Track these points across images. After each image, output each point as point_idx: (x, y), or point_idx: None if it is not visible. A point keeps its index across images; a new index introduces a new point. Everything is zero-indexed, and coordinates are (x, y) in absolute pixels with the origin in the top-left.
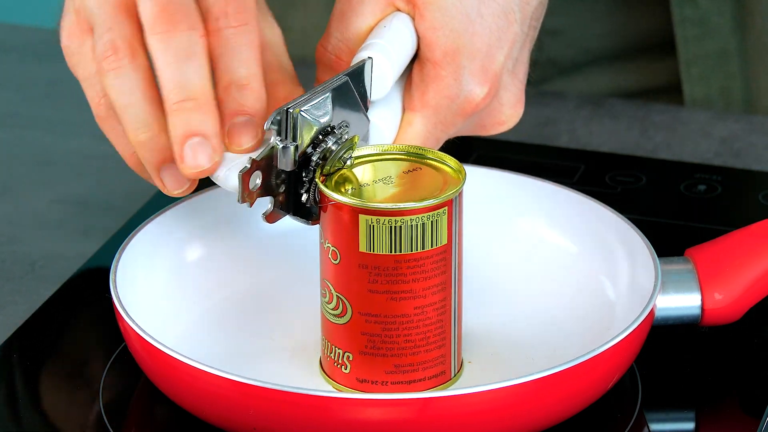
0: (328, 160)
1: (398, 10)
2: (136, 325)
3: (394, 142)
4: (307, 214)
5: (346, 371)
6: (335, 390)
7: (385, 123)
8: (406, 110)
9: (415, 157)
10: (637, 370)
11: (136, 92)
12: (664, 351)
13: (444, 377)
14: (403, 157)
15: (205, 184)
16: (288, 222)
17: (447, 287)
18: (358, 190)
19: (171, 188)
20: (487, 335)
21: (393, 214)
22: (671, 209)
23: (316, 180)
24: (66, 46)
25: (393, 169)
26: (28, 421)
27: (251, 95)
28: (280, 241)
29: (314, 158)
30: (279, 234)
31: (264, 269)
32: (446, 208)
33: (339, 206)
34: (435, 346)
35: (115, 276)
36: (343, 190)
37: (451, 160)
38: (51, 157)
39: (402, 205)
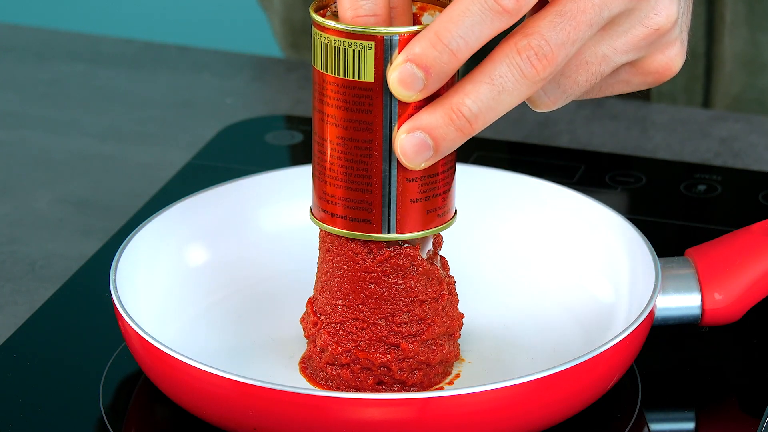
0: None
1: None
2: (136, 324)
3: None
4: None
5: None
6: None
7: None
8: None
9: None
10: (637, 370)
11: None
12: (664, 351)
13: (369, 227)
14: None
15: (205, 183)
16: (287, 221)
17: (376, 131)
18: None
19: None
20: (487, 335)
21: (321, 29)
22: (671, 209)
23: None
24: None
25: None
26: (29, 421)
27: None
28: (280, 240)
29: None
30: (279, 233)
31: (263, 269)
32: (373, 43)
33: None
34: (357, 187)
35: (115, 276)
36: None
37: None
38: (51, 157)
39: (328, 23)
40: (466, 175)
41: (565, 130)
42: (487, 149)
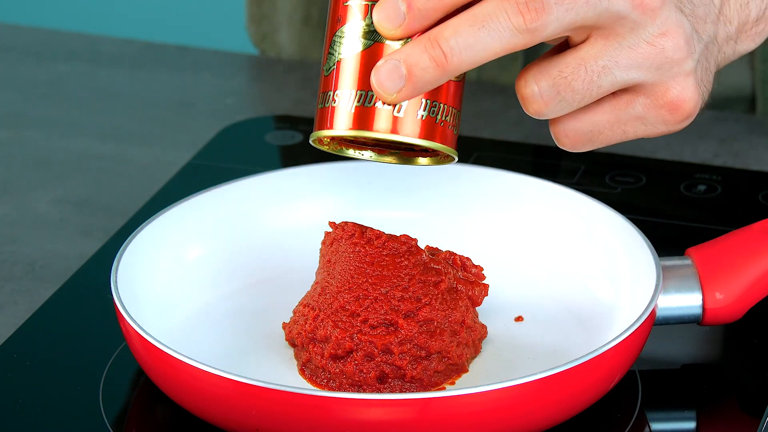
0: None
1: None
2: (137, 325)
3: None
4: None
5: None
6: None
7: None
8: None
9: None
10: (637, 370)
11: None
12: (664, 351)
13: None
14: None
15: (205, 183)
16: (287, 221)
17: None
18: None
19: None
20: (487, 335)
21: None
22: (671, 209)
23: None
24: None
25: None
26: (29, 421)
27: None
28: (280, 240)
29: None
30: (279, 233)
31: (264, 269)
32: None
33: None
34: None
35: (116, 276)
36: None
37: None
38: (51, 157)
39: None
40: (467, 174)
41: None
42: (487, 149)
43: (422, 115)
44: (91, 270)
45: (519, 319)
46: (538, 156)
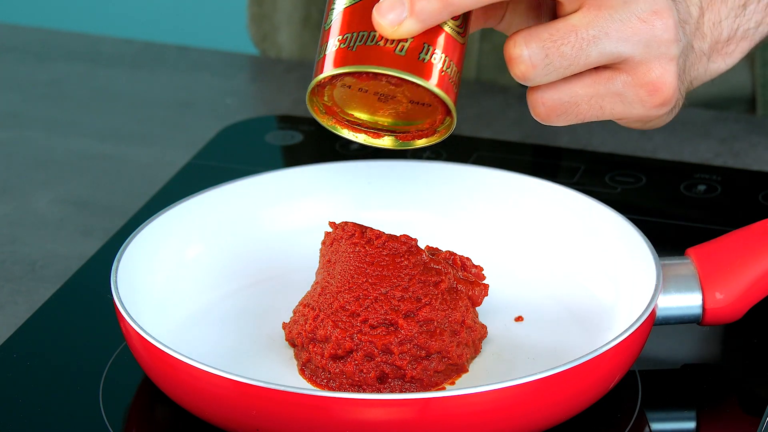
0: None
1: None
2: (138, 325)
3: None
4: None
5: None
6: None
7: None
8: None
9: None
10: (637, 370)
11: None
12: (664, 351)
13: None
14: None
15: (205, 183)
16: (287, 221)
17: None
18: None
19: None
20: (487, 335)
21: None
22: (671, 209)
23: None
24: None
25: None
26: (29, 421)
27: None
28: (280, 240)
29: None
30: (279, 233)
31: (264, 269)
32: None
33: None
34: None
35: (116, 276)
36: None
37: None
38: (51, 157)
39: None
40: (467, 174)
41: (565, 130)
42: (487, 149)
43: (423, 58)
44: (91, 270)
45: (519, 319)
46: (538, 156)
